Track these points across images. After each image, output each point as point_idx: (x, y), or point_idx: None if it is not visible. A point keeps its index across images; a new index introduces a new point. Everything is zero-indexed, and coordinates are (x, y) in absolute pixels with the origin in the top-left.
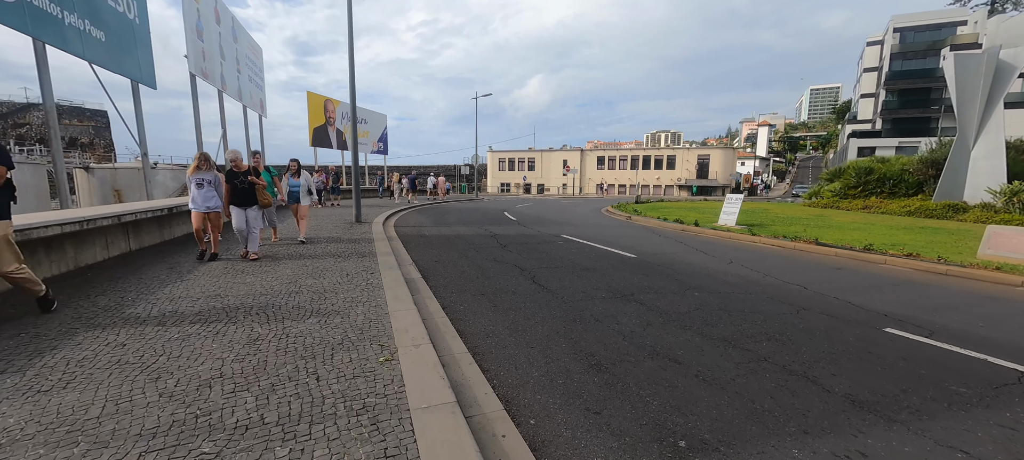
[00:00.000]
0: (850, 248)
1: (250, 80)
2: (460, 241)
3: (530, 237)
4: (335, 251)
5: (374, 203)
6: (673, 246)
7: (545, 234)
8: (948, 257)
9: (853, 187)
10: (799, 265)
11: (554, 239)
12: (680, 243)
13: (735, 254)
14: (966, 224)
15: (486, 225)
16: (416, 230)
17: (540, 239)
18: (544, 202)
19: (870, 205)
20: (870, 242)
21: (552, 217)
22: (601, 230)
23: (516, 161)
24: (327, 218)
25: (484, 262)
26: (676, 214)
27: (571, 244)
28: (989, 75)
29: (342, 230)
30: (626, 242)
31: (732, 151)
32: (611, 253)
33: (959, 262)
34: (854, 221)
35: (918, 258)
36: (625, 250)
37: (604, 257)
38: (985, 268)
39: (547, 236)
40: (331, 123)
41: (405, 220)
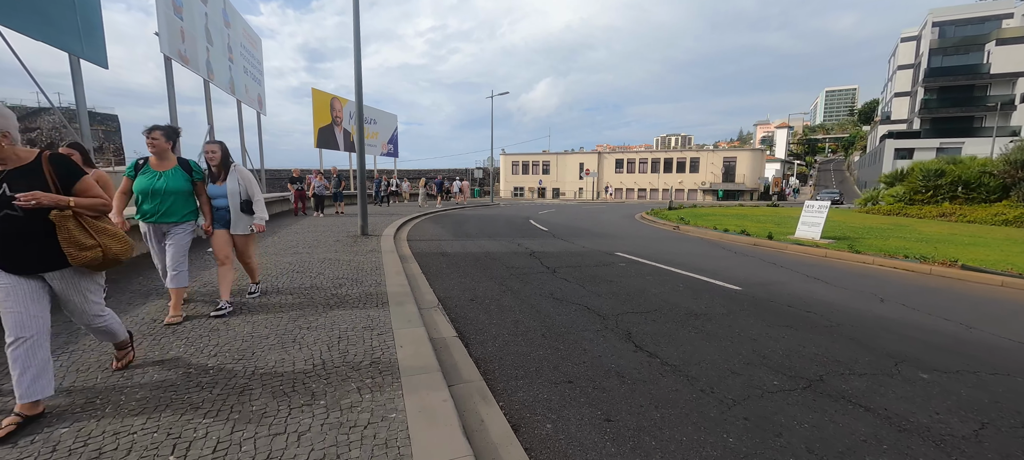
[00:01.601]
0: (1015, 275)
1: (246, 72)
2: (494, 263)
3: (579, 256)
4: (327, 288)
5: (379, 212)
6: (770, 270)
7: (593, 251)
8: None
9: (920, 192)
10: (975, 302)
11: (610, 259)
12: (773, 265)
13: (866, 284)
14: None
15: (516, 238)
16: (435, 246)
17: (593, 260)
18: (566, 208)
19: (948, 213)
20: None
21: (586, 226)
22: (656, 245)
23: (530, 164)
24: (327, 230)
25: (540, 301)
26: (730, 223)
27: (638, 268)
28: None
29: (343, 249)
30: (704, 263)
31: (760, 153)
32: (704, 283)
33: None
34: (952, 233)
35: None
36: (715, 277)
37: (701, 291)
38: None
39: (597, 254)
40: (338, 123)
41: (419, 231)
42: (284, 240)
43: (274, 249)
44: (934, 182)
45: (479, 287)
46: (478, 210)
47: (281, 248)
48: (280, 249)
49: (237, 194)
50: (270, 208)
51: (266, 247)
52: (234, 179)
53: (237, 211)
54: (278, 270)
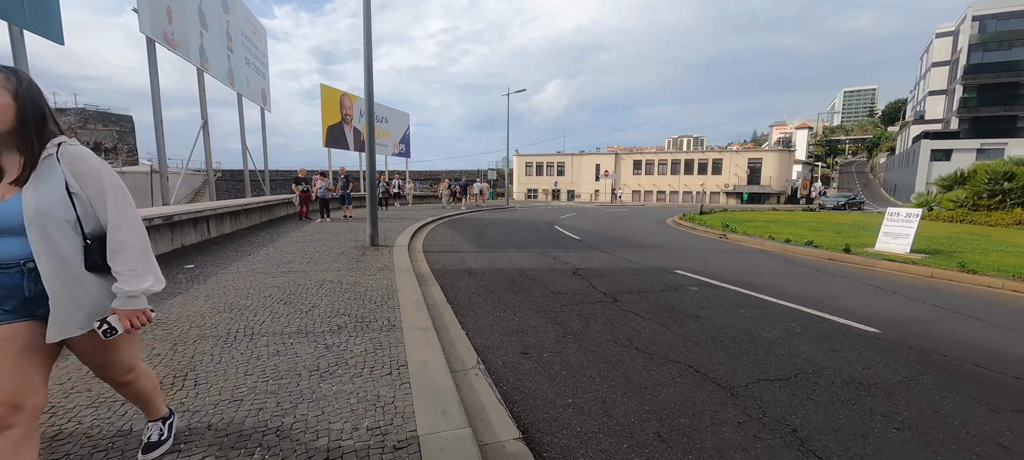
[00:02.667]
0: None
1: (247, 64)
2: (534, 286)
3: (634, 276)
4: (321, 335)
5: (385, 216)
6: (886, 300)
7: (647, 268)
8: None
9: (984, 196)
10: None
11: (674, 280)
12: (880, 290)
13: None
14: None
15: (546, 248)
16: (457, 260)
17: (654, 281)
18: (588, 212)
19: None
20: None
21: (619, 234)
22: (715, 259)
23: (544, 166)
24: (332, 240)
25: (621, 355)
26: (780, 231)
27: (718, 294)
28: None
29: (347, 265)
30: (795, 287)
31: (788, 154)
32: (826, 323)
33: None
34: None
35: None
36: (831, 311)
37: (832, 337)
38: None
39: (654, 273)
40: (348, 121)
41: (436, 240)
42: (280, 253)
43: (266, 265)
44: (1001, 186)
45: (527, 328)
46: (495, 214)
47: (273, 265)
48: (273, 266)
49: (61, 224)
50: (269, 212)
51: (257, 262)
52: (52, 182)
53: (61, 268)
54: (260, 302)
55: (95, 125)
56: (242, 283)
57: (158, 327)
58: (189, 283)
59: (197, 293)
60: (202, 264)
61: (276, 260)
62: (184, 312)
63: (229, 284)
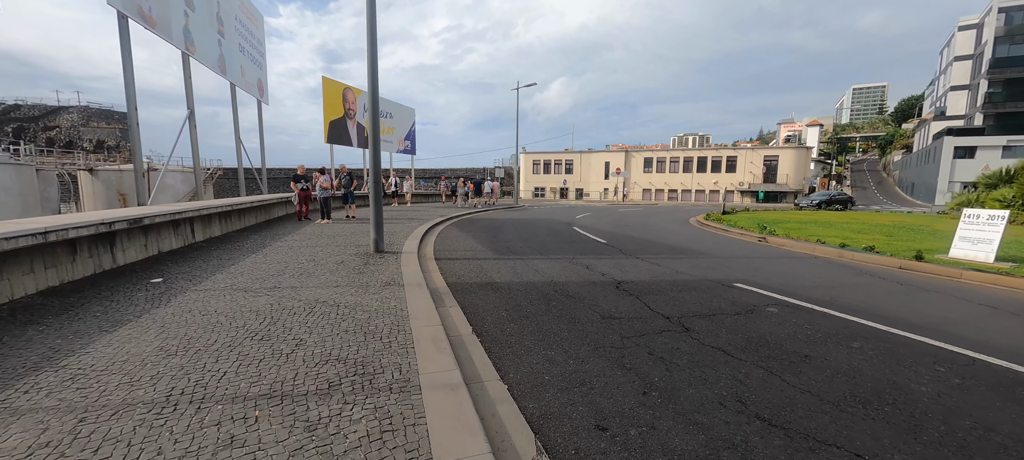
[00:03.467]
0: None
1: (242, 51)
2: (576, 306)
3: (690, 291)
4: (300, 395)
5: (387, 216)
6: (1010, 324)
7: (701, 280)
8: None
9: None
10: None
11: (743, 298)
12: (994, 309)
13: None
14: None
15: (573, 255)
16: (475, 269)
17: (719, 299)
18: (603, 211)
19: None
20: None
21: (646, 236)
22: (769, 267)
23: (552, 163)
24: (331, 244)
25: (743, 432)
26: (820, 232)
27: (809, 319)
28: None
29: (347, 278)
30: (889, 306)
31: (805, 152)
32: (975, 362)
33: None
34: None
35: None
36: (973, 345)
37: (1007, 385)
38: None
39: (713, 287)
40: (351, 116)
41: (448, 243)
42: (269, 262)
43: (249, 279)
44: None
45: (590, 377)
46: (506, 214)
47: (260, 277)
48: (257, 280)
49: None
50: (266, 213)
51: (239, 274)
52: None
53: None
54: (229, 336)
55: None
56: (214, 305)
57: (72, 383)
58: (147, 305)
59: (150, 322)
60: (173, 277)
61: (263, 271)
62: (120, 354)
63: (197, 307)
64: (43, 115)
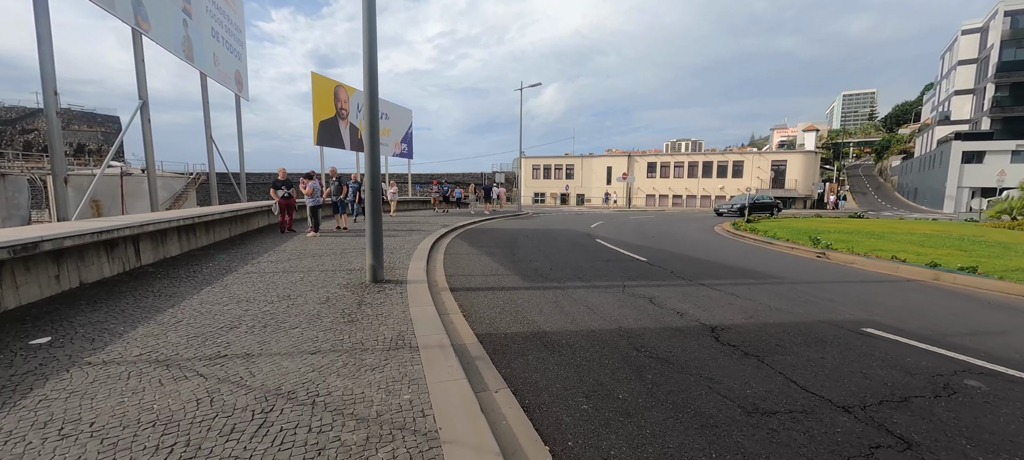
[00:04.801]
0: None
1: (216, 37)
2: (687, 383)
3: (824, 344)
4: None
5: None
6: None
7: (817, 322)
8: None
9: None
10: None
11: (917, 362)
12: None
13: None
14: None
15: (621, 278)
16: (508, 306)
17: (875, 361)
18: (613, 218)
19: None
20: None
21: (683, 251)
22: (882, 300)
23: (552, 168)
24: (316, 268)
25: None
26: (879, 246)
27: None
28: None
29: (333, 328)
30: None
31: (814, 156)
32: None
33: None
34: None
35: None
36: None
37: None
38: None
39: (840, 333)
40: (343, 116)
41: (461, 263)
42: (226, 301)
43: (184, 336)
44: None
45: None
46: (514, 223)
47: (201, 332)
48: (196, 338)
49: None
50: (243, 224)
51: (173, 326)
52: None
53: None
54: None
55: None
56: (98, 404)
57: None
58: None
59: None
60: (71, 332)
61: (211, 320)
62: None
63: (63, 410)
64: (21, 118)
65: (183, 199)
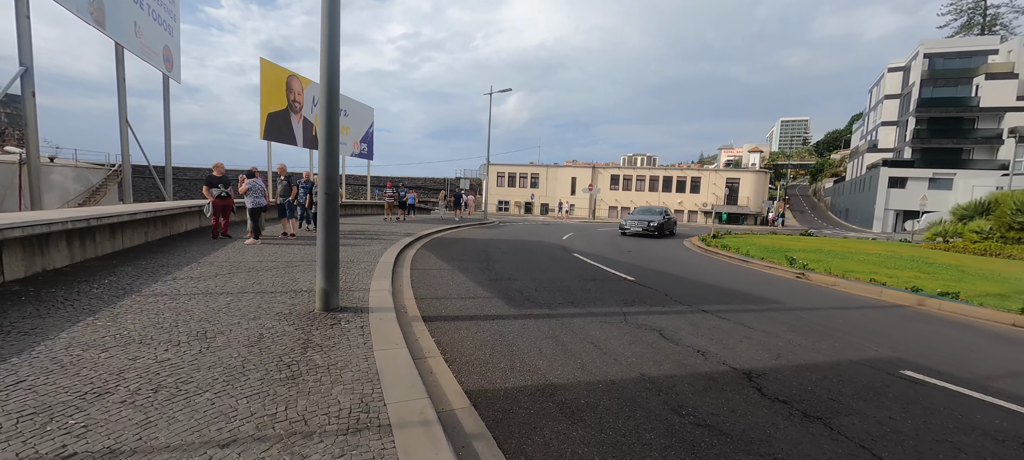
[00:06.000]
0: None
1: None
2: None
3: (874, 393)
4: None
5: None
6: None
7: (853, 365)
8: None
9: (1015, 228)
10: None
11: (990, 426)
12: None
13: None
14: None
15: (619, 306)
16: (501, 348)
17: (950, 423)
18: (584, 230)
19: None
20: None
21: (665, 268)
22: (892, 331)
23: (517, 177)
24: (251, 289)
25: None
26: (846, 266)
27: None
28: None
29: (263, 399)
30: None
31: (764, 175)
32: None
33: None
34: None
35: None
36: None
37: None
38: None
39: (887, 380)
40: (296, 109)
41: (431, 282)
42: (117, 329)
43: (38, 392)
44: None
45: None
46: (483, 232)
47: (68, 388)
48: (53, 398)
49: None
50: (165, 226)
51: (26, 371)
52: None
53: None
54: None
55: None
56: None
57: None
58: None
59: None
60: None
61: (70, 378)
62: None
63: None
64: None
65: (101, 194)
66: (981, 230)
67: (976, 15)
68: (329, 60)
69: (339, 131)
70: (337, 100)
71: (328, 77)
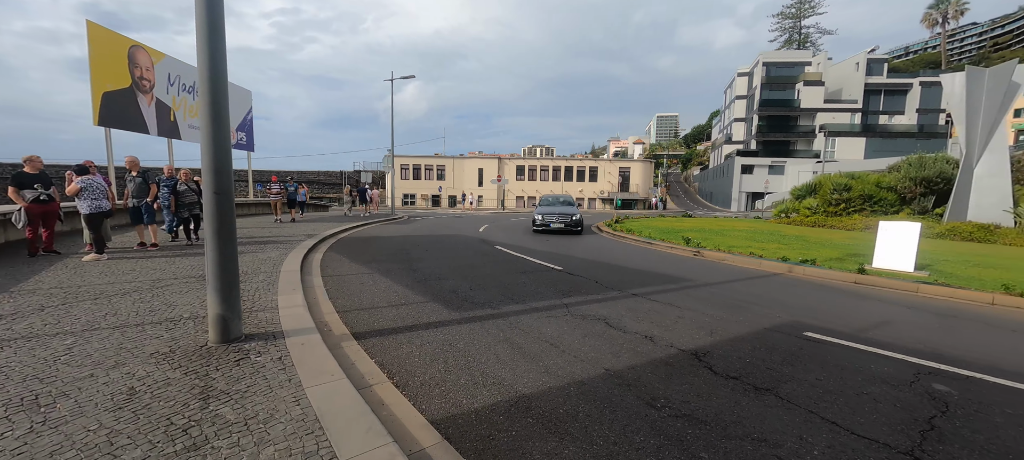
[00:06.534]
0: None
1: None
2: None
3: (796, 358)
4: None
5: (185, 248)
6: None
7: (771, 333)
8: None
9: (833, 204)
10: None
11: (894, 376)
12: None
13: None
14: None
15: (556, 297)
16: (454, 359)
17: (860, 376)
18: (496, 221)
19: (868, 225)
20: None
21: (584, 255)
22: (783, 296)
23: (422, 168)
24: (105, 317)
25: None
26: (729, 242)
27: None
28: (997, 93)
29: None
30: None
31: (650, 164)
32: None
33: None
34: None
35: None
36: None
37: None
38: None
39: (801, 344)
40: (144, 88)
41: (351, 289)
42: None
43: None
44: (844, 195)
45: None
46: (394, 228)
47: None
48: None
49: None
50: None
51: None
52: None
53: None
54: None
55: None
56: None
57: None
58: None
59: None
60: None
61: None
62: None
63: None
64: None
65: None
66: (811, 207)
67: (794, 33)
68: (210, 16)
69: (228, 111)
70: (223, 71)
71: (210, 43)
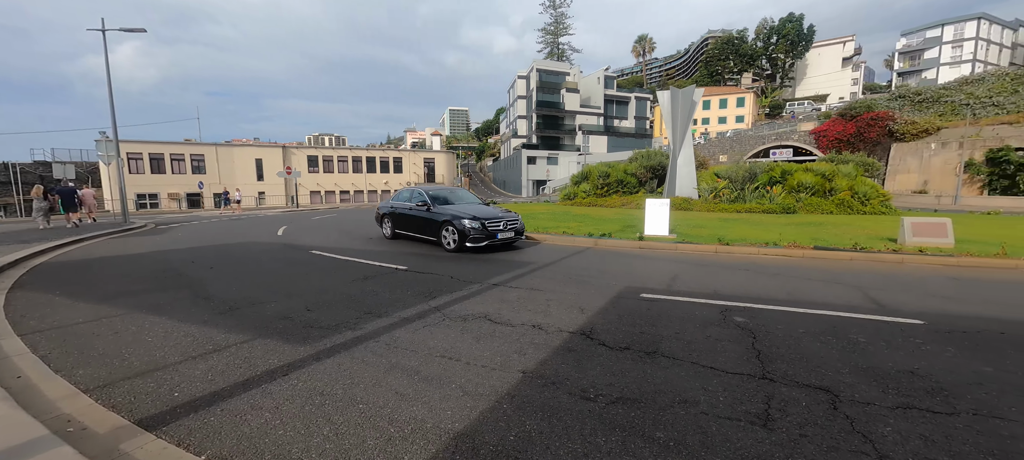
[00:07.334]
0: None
1: None
2: None
3: (642, 316)
4: None
5: None
6: (751, 281)
7: (625, 297)
8: (869, 246)
9: (599, 188)
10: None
11: (704, 316)
12: (741, 271)
13: (870, 281)
14: (730, 214)
15: (421, 300)
16: (413, 437)
17: (696, 321)
18: (297, 220)
19: (626, 203)
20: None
21: (418, 249)
22: (600, 265)
23: (170, 159)
24: None
25: None
26: (557, 224)
27: (775, 321)
28: (687, 106)
29: None
30: (758, 289)
31: (453, 155)
32: (878, 323)
33: (901, 248)
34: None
35: (881, 252)
36: (851, 308)
37: (886, 335)
38: (922, 253)
39: (648, 304)
40: None
41: (106, 349)
42: None
43: None
44: (606, 181)
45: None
46: (138, 243)
47: None
48: None
49: None
50: None
51: None
52: None
53: None
54: None
55: None
56: None
57: None
58: None
59: None
60: None
61: None
62: None
63: None
64: None
65: None
66: (586, 190)
67: (554, 48)
68: None
69: None
70: None
71: None
